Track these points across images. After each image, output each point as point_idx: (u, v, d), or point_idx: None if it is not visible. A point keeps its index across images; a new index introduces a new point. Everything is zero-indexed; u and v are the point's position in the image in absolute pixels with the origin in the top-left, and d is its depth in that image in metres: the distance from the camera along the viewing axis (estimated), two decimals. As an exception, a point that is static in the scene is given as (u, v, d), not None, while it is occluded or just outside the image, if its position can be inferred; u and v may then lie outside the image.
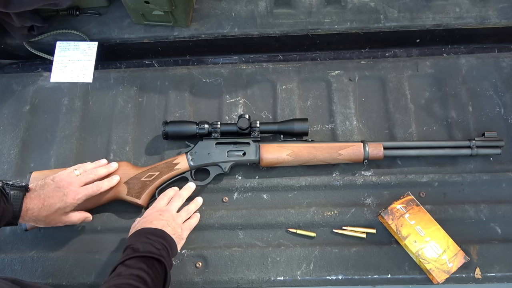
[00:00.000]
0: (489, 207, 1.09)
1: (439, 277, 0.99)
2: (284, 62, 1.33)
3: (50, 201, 0.95)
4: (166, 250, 0.89)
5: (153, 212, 0.99)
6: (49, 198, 0.95)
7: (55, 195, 0.96)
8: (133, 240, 0.90)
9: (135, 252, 0.86)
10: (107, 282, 0.81)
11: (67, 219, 1.00)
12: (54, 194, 0.96)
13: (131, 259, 0.84)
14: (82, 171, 1.03)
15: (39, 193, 0.95)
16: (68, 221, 1.01)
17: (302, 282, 1.03)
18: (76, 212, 1.01)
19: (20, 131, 1.23)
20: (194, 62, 1.38)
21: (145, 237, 0.90)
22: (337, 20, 1.31)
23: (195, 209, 1.07)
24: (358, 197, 1.11)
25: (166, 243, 0.90)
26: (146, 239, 0.89)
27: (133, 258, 0.84)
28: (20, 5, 1.14)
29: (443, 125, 1.20)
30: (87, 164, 1.08)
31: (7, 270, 1.06)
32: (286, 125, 1.12)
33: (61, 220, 0.99)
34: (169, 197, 1.04)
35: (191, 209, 1.05)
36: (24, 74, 1.33)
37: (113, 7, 1.35)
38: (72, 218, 1.00)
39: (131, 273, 0.81)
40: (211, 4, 1.34)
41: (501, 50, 1.33)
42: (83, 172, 1.03)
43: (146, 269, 0.82)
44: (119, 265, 0.84)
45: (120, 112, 1.25)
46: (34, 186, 0.97)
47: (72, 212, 1.00)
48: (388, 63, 1.29)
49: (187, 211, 1.04)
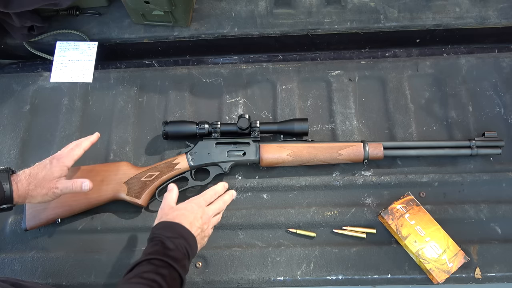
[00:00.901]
0: (489, 207, 1.09)
1: (439, 277, 0.99)
2: (284, 62, 1.33)
3: (35, 170, 0.95)
4: (188, 259, 0.87)
5: (196, 210, 0.92)
6: (34, 169, 0.96)
7: (40, 166, 0.96)
8: (165, 233, 0.86)
9: (165, 252, 0.83)
10: (128, 276, 0.80)
11: (59, 184, 0.95)
12: (38, 166, 0.97)
13: (158, 260, 0.82)
14: None
15: (25, 172, 0.96)
16: (62, 187, 0.96)
17: (302, 282, 1.03)
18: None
19: (20, 131, 1.23)
20: (194, 62, 1.38)
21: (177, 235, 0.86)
22: (337, 20, 1.31)
23: (229, 200, 1.00)
24: (358, 197, 1.11)
25: (192, 253, 0.88)
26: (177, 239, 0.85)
27: (160, 260, 0.82)
28: (20, 5, 1.14)
29: (443, 125, 1.20)
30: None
31: (7, 270, 1.06)
32: (286, 125, 1.12)
33: (52, 186, 0.95)
34: (216, 195, 0.98)
35: (227, 201, 0.99)
36: (24, 74, 1.33)
37: (113, 7, 1.35)
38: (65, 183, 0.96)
39: (153, 279, 0.79)
40: (211, 4, 1.34)
41: (501, 50, 1.33)
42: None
43: (167, 276, 0.80)
44: (145, 261, 0.82)
45: (120, 112, 1.25)
46: (24, 170, 0.97)
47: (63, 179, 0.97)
48: (388, 63, 1.29)
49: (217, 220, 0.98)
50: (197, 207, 0.93)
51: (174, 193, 0.98)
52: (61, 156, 0.99)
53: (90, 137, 1.05)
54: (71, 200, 1.05)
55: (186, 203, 0.94)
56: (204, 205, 0.95)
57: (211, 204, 0.97)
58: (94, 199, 1.06)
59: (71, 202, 1.05)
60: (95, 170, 1.09)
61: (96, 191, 1.06)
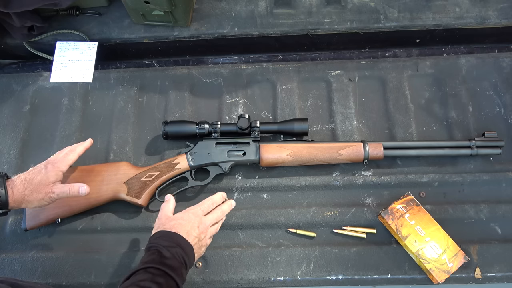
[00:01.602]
0: (489, 207, 1.09)
1: (439, 277, 0.99)
2: (284, 62, 1.33)
3: (31, 175, 0.96)
4: (185, 268, 0.87)
5: (193, 220, 0.93)
6: (30, 174, 0.96)
7: (35, 171, 0.97)
8: (162, 242, 0.87)
9: (162, 261, 0.83)
10: (124, 285, 0.80)
11: (55, 189, 0.96)
12: (34, 171, 0.97)
13: (155, 269, 0.82)
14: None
15: (20, 177, 0.96)
16: (58, 192, 0.96)
17: (302, 282, 1.03)
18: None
19: (20, 131, 1.23)
20: (194, 62, 1.38)
21: (174, 244, 0.86)
22: (337, 20, 1.31)
23: (228, 210, 1.01)
24: (358, 197, 1.11)
25: (189, 262, 0.88)
26: (174, 248, 0.86)
27: (156, 268, 0.82)
28: (20, 5, 1.14)
29: (443, 125, 1.20)
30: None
31: (7, 270, 1.06)
32: (286, 125, 1.12)
33: (49, 191, 0.95)
34: (214, 205, 0.99)
35: (225, 210, 1.00)
36: (24, 74, 1.33)
37: (113, 7, 1.35)
38: (61, 187, 0.97)
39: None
40: (211, 4, 1.34)
41: (501, 50, 1.33)
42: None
43: (164, 284, 0.81)
44: (142, 270, 0.82)
45: (120, 112, 1.25)
46: (19, 175, 0.97)
47: (58, 184, 0.98)
48: (388, 63, 1.29)
49: (215, 230, 0.98)
50: (194, 216, 0.94)
51: (171, 203, 0.98)
52: (56, 161, 0.99)
53: (84, 143, 1.07)
54: (71, 200, 1.05)
55: (183, 213, 0.95)
56: (201, 214, 0.95)
57: (208, 213, 0.97)
58: (94, 199, 1.06)
59: (71, 202, 1.05)
60: (95, 170, 1.09)
61: (96, 191, 1.06)
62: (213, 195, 1.01)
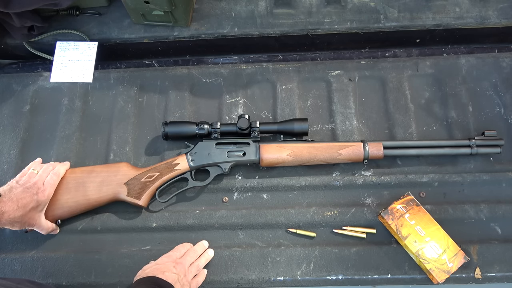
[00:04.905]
0: (489, 207, 1.09)
1: (439, 277, 0.99)
2: (284, 62, 1.33)
3: (23, 201, 0.96)
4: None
5: (168, 262, 0.98)
6: (22, 199, 0.96)
7: (26, 195, 0.97)
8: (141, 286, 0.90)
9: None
10: None
11: (39, 220, 1.01)
12: (25, 195, 0.97)
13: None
14: (39, 169, 1.05)
15: (10, 196, 0.95)
16: (41, 223, 1.01)
17: (302, 282, 1.03)
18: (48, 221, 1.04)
19: (20, 131, 1.23)
20: (194, 62, 1.38)
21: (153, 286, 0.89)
22: (337, 20, 1.31)
23: (205, 263, 1.04)
24: (358, 197, 1.12)
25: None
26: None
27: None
28: (20, 5, 1.14)
29: (443, 125, 1.20)
30: (37, 160, 1.11)
31: (7, 270, 1.06)
32: (286, 125, 1.12)
33: (35, 217, 1.00)
34: (185, 249, 1.03)
35: (202, 264, 1.03)
36: (24, 74, 1.33)
37: (113, 7, 1.35)
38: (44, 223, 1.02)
39: None
40: (211, 4, 1.34)
41: (501, 50, 1.33)
42: (41, 170, 1.05)
43: None
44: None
45: (120, 112, 1.25)
46: (1, 191, 0.97)
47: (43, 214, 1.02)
48: (388, 63, 1.29)
49: (197, 267, 1.02)
50: (167, 258, 0.99)
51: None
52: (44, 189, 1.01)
53: (64, 165, 1.10)
54: (71, 202, 1.05)
55: (159, 259, 1.00)
56: (174, 256, 1.00)
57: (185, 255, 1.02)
58: (94, 200, 1.06)
59: (71, 203, 1.05)
60: (95, 171, 1.09)
61: (96, 192, 1.06)
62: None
